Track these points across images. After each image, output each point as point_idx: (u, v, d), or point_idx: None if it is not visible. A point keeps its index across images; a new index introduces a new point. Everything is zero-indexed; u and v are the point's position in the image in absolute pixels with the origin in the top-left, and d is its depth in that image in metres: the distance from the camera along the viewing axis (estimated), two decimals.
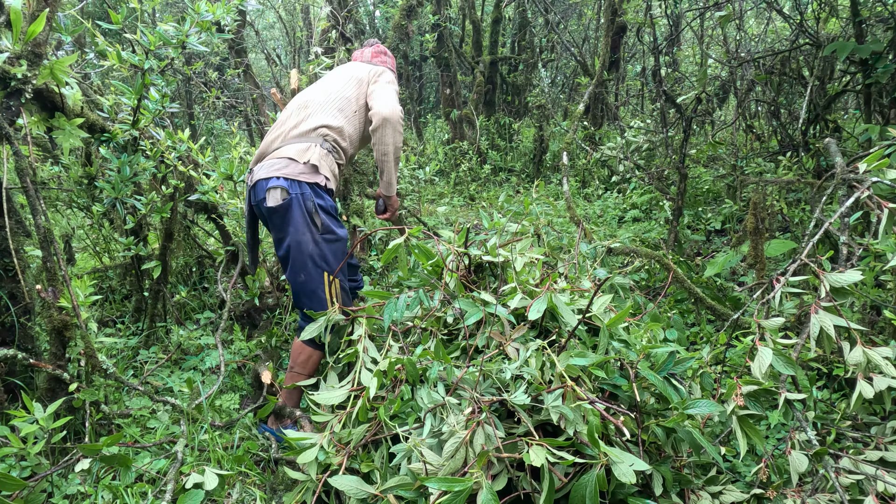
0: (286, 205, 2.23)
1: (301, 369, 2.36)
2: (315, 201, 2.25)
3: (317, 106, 2.45)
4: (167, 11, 8.57)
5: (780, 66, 4.52)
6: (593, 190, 6.33)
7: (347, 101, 2.49)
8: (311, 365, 2.36)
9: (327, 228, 2.29)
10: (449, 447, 1.60)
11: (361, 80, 2.54)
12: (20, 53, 1.99)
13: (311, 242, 2.25)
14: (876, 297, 2.50)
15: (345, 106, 2.48)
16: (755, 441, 1.69)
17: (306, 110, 2.44)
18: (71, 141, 2.30)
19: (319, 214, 2.26)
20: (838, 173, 2.06)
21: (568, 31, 9.22)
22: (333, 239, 2.31)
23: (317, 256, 2.27)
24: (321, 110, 2.44)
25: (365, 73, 2.56)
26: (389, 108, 2.39)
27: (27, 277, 2.24)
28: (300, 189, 2.25)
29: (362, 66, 2.61)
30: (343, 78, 2.56)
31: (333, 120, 2.42)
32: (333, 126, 2.40)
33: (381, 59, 2.76)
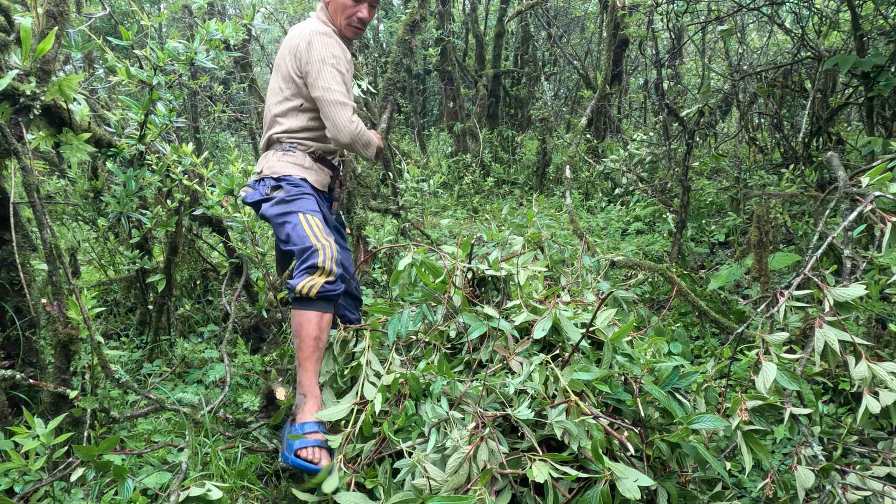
0: (251, 195, 2.31)
1: (296, 339, 2.13)
2: (271, 184, 2.26)
3: (267, 107, 2.39)
4: (173, 27, 8.67)
5: (782, 79, 4.54)
6: (596, 202, 6.33)
7: (280, 99, 2.31)
8: (298, 328, 2.10)
9: (290, 191, 2.24)
10: (452, 463, 1.59)
11: (286, 66, 2.25)
12: (29, 70, 2.02)
13: (275, 203, 2.23)
14: (881, 311, 2.49)
15: (281, 104, 2.31)
16: (761, 456, 1.68)
17: (265, 117, 2.40)
18: (78, 156, 2.32)
19: (281, 188, 2.24)
20: (841, 187, 2.06)
21: (570, 45, 9.28)
22: (299, 195, 2.24)
23: (284, 211, 2.22)
24: (268, 113, 2.37)
25: (291, 52, 2.23)
26: (343, 133, 2.20)
27: (32, 291, 2.25)
28: (263, 182, 2.31)
29: (292, 35, 2.29)
30: (277, 61, 2.34)
31: (278, 125, 2.33)
32: (284, 130, 2.32)
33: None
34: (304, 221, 2.18)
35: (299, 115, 2.30)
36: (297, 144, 2.32)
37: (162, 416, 2.61)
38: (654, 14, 4.72)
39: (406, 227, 4.56)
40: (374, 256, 4.18)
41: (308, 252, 2.13)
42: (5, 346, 2.30)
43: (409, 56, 6.41)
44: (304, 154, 2.33)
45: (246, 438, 2.45)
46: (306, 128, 2.32)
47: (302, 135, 2.32)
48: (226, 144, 8.19)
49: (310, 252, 2.12)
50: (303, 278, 2.12)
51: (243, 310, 3.42)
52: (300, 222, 2.18)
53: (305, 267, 2.12)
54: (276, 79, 2.33)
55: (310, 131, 2.33)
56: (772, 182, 4.82)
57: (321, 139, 2.37)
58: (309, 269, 2.12)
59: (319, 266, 2.12)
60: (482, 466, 1.58)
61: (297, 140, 2.32)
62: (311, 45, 2.17)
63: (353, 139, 2.22)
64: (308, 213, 2.21)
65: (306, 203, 2.23)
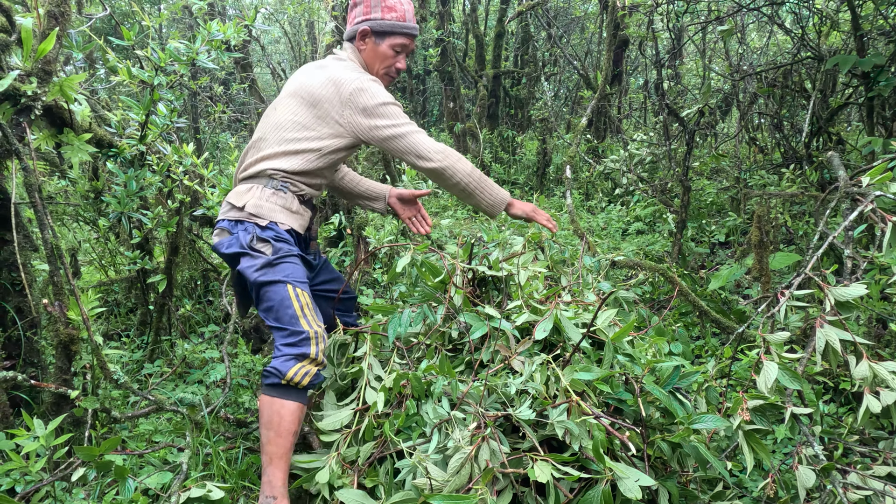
0: (228, 242, 1.98)
1: (268, 432, 1.87)
2: (257, 234, 1.96)
3: (266, 133, 2.05)
4: (173, 27, 8.67)
5: (782, 79, 4.54)
6: (597, 202, 6.34)
7: (299, 136, 2.01)
8: (277, 422, 1.87)
9: (277, 251, 1.96)
10: (454, 463, 1.59)
11: (328, 108, 1.98)
12: (31, 71, 2.02)
13: (260, 267, 1.94)
14: (882, 311, 2.49)
15: (297, 142, 2.01)
16: (762, 456, 1.68)
17: (258, 142, 2.06)
18: (79, 156, 2.32)
19: (269, 243, 1.96)
20: (841, 187, 2.06)
21: (570, 45, 9.28)
22: (286, 256, 1.97)
23: (271, 279, 1.93)
24: (268, 137, 2.04)
25: (339, 97, 1.97)
26: (435, 157, 1.97)
27: (34, 291, 2.25)
28: (243, 226, 1.98)
29: (332, 77, 2.00)
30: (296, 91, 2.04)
31: (277, 160, 2.01)
32: (282, 169, 2.01)
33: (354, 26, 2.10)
34: (293, 296, 1.92)
35: (308, 158, 2.02)
36: (290, 185, 2.03)
37: (163, 417, 2.62)
38: (654, 14, 4.73)
39: (406, 228, 4.56)
40: (374, 256, 4.18)
41: (300, 338, 1.90)
42: (6, 347, 2.30)
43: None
44: (294, 197, 2.05)
45: (247, 439, 2.45)
46: (307, 171, 2.04)
47: (299, 178, 2.04)
48: (226, 145, 8.19)
49: (301, 339, 1.90)
50: (292, 365, 1.88)
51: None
52: (288, 297, 1.92)
53: (296, 353, 1.90)
54: (298, 110, 2.01)
55: (308, 175, 2.06)
56: (772, 182, 4.83)
57: (315, 185, 2.11)
58: (300, 357, 1.90)
59: (312, 357, 1.91)
60: (484, 466, 1.58)
61: (292, 181, 2.04)
62: (366, 91, 1.96)
63: (448, 165, 1.98)
64: (296, 284, 1.94)
65: (294, 270, 1.97)
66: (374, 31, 2.08)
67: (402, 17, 2.09)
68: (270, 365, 1.90)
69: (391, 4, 2.07)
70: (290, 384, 1.88)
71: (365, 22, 2.08)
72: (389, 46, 2.10)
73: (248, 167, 2.06)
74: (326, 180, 2.17)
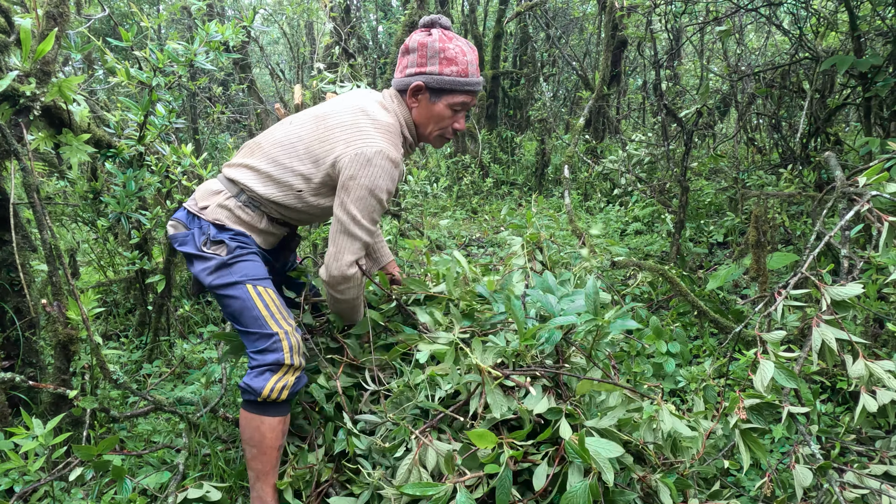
0: (182, 238, 1.82)
1: (252, 449, 1.77)
2: (211, 235, 1.79)
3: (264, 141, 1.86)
4: (172, 28, 8.68)
5: (780, 80, 4.55)
6: (595, 203, 6.34)
7: (292, 170, 1.79)
8: (259, 439, 1.75)
9: (232, 250, 1.78)
10: (401, 471, 1.58)
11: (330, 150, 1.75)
12: (29, 71, 2.03)
13: (214, 269, 1.77)
14: (879, 310, 2.49)
15: (287, 172, 1.79)
16: (759, 455, 1.69)
17: (255, 146, 1.88)
18: (78, 156, 2.32)
19: (223, 244, 1.79)
20: (838, 186, 2.07)
21: (569, 46, 9.29)
22: (242, 255, 1.79)
23: (227, 281, 1.76)
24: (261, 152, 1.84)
25: (351, 155, 1.71)
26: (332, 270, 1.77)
27: (32, 292, 2.26)
28: (198, 224, 1.82)
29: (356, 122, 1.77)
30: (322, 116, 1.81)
31: (258, 181, 1.81)
32: (259, 194, 1.81)
33: (407, 77, 1.83)
34: (255, 296, 1.74)
35: (286, 193, 1.81)
36: (261, 207, 1.85)
37: (161, 417, 2.62)
38: (653, 15, 4.74)
39: (405, 229, 4.56)
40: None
41: (270, 342, 1.72)
42: (5, 347, 2.30)
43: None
44: (262, 216, 1.86)
45: None
46: (287, 206, 1.84)
47: (275, 206, 1.84)
48: (225, 145, 8.19)
49: (272, 343, 1.72)
50: (267, 379, 1.71)
51: None
52: (249, 297, 1.74)
53: (269, 363, 1.72)
54: (307, 135, 1.80)
55: (286, 208, 1.85)
56: (770, 182, 4.84)
57: (290, 218, 1.91)
58: (273, 367, 1.73)
59: (288, 364, 1.73)
60: (432, 467, 1.58)
61: (266, 205, 1.84)
62: (370, 166, 1.70)
63: (335, 285, 1.79)
64: (257, 282, 1.76)
65: (252, 267, 1.78)
66: (428, 88, 1.79)
67: (465, 71, 1.78)
68: (244, 380, 1.74)
69: (451, 56, 1.76)
70: (267, 401, 1.73)
71: (419, 76, 1.79)
72: (447, 105, 1.81)
73: (233, 166, 1.89)
74: (309, 218, 1.94)
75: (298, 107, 4.86)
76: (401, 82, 1.84)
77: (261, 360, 1.74)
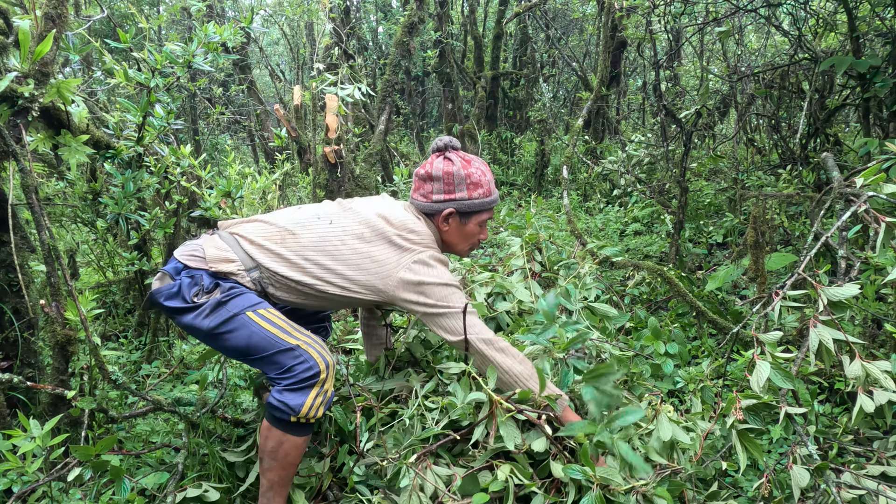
0: (167, 292, 1.72)
1: (271, 461, 1.73)
2: (204, 285, 1.70)
3: (298, 244, 1.77)
4: (172, 29, 8.69)
5: (779, 81, 4.55)
6: (595, 203, 6.35)
7: (331, 262, 1.75)
8: (282, 456, 1.71)
9: (226, 289, 1.70)
10: (403, 499, 1.59)
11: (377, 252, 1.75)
12: (28, 72, 2.03)
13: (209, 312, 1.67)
14: (876, 311, 2.49)
15: (326, 275, 1.75)
16: (756, 456, 1.69)
17: (288, 237, 1.78)
18: (77, 157, 2.33)
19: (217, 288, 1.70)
20: (835, 187, 2.07)
21: (569, 47, 9.30)
22: (237, 294, 1.70)
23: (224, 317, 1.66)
24: (298, 244, 1.76)
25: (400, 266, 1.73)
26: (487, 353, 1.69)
27: (31, 292, 2.26)
28: (189, 274, 1.73)
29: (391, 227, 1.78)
30: (349, 238, 1.77)
31: (287, 268, 1.75)
32: (285, 277, 1.75)
33: (427, 199, 1.87)
34: (258, 320, 1.66)
35: (320, 288, 1.76)
36: (270, 287, 1.78)
37: (160, 417, 2.62)
38: (652, 16, 4.74)
39: None
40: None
41: (293, 356, 1.64)
42: (4, 348, 2.30)
43: (408, 58, 6.43)
44: (265, 292, 1.79)
45: (243, 440, 2.46)
46: (311, 294, 1.78)
47: (295, 289, 1.78)
48: (224, 146, 8.20)
49: (295, 356, 1.64)
50: (304, 396, 1.63)
51: None
52: (253, 322, 1.65)
53: (302, 380, 1.63)
54: (355, 247, 1.76)
55: (307, 294, 1.79)
56: (769, 183, 4.84)
57: (304, 301, 1.83)
58: (308, 382, 1.64)
59: (322, 371, 1.65)
60: (431, 493, 1.58)
61: (280, 286, 1.78)
62: (431, 267, 1.74)
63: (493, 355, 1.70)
64: (256, 306, 1.68)
65: (248, 299, 1.69)
66: (459, 212, 1.86)
67: (488, 191, 1.88)
68: (279, 398, 1.63)
69: (476, 180, 1.85)
70: (300, 420, 1.65)
71: (450, 202, 1.85)
72: (476, 224, 1.90)
73: (256, 244, 1.78)
74: (327, 305, 1.88)
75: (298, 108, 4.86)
76: (429, 207, 1.87)
77: (292, 378, 1.63)
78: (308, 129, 4.81)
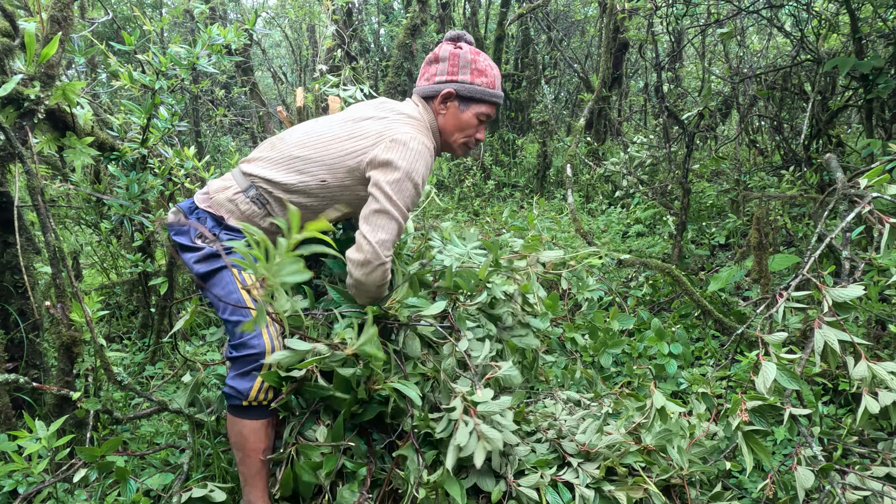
0: (177, 227, 1.77)
1: (239, 452, 1.74)
2: (209, 225, 1.75)
3: (284, 143, 1.80)
4: (175, 31, 8.71)
5: (781, 82, 4.55)
6: (597, 205, 6.35)
7: (318, 150, 1.75)
8: (244, 444, 1.72)
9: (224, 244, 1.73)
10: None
11: (362, 146, 1.72)
12: (34, 75, 2.04)
13: (202, 258, 1.72)
14: (880, 312, 2.49)
15: (308, 166, 1.74)
16: (761, 457, 1.69)
17: (277, 142, 1.83)
18: (82, 159, 2.34)
19: (215, 238, 1.75)
20: (839, 188, 2.07)
21: (571, 48, 9.31)
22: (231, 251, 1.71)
23: (212, 267, 1.71)
24: (284, 146, 1.79)
25: (378, 137, 1.71)
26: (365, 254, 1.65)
27: (36, 294, 2.27)
28: (196, 215, 1.78)
29: (387, 124, 1.75)
30: (336, 123, 1.79)
31: (275, 171, 1.76)
32: (275, 181, 1.75)
33: (431, 80, 1.86)
34: (238, 278, 1.67)
35: (309, 182, 1.75)
36: (267, 205, 1.78)
37: (164, 418, 2.63)
38: (654, 17, 4.74)
39: None
40: None
41: (249, 335, 1.64)
42: (9, 349, 2.31)
43: (410, 60, 6.43)
44: (265, 213, 1.79)
45: None
46: (302, 192, 1.76)
47: (287, 195, 1.77)
48: (227, 148, 8.22)
49: (248, 336, 1.64)
50: (253, 379, 1.64)
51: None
52: (233, 281, 1.67)
53: (247, 362, 1.64)
54: (339, 132, 1.76)
55: (300, 195, 1.77)
56: (772, 184, 4.84)
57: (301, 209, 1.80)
58: (252, 365, 1.64)
59: (265, 359, 1.65)
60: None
61: (274, 199, 1.77)
62: (407, 149, 1.68)
63: (365, 264, 1.66)
64: (242, 269, 1.69)
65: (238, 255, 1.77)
66: (459, 95, 1.82)
67: (492, 83, 1.85)
68: (228, 381, 1.66)
69: (482, 68, 1.83)
70: (251, 404, 1.67)
71: (450, 83, 1.82)
72: (474, 114, 1.85)
73: (250, 161, 1.84)
74: (320, 209, 1.84)
75: (301, 109, 4.88)
76: (429, 89, 1.85)
77: (242, 360, 1.65)
78: None
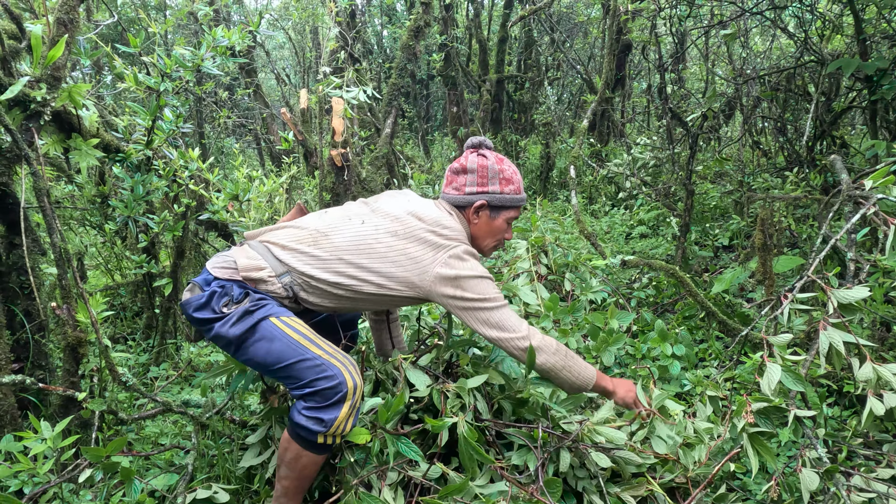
0: (197, 302, 1.70)
1: (288, 471, 1.71)
2: (234, 295, 1.69)
3: (330, 243, 1.76)
4: (179, 33, 8.74)
5: (785, 83, 4.55)
6: (600, 206, 6.34)
7: (366, 259, 1.75)
8: (300, 468, 1.69)
9: (255, 299, 1.69)
10: None
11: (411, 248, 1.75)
12: (40, 77, 2.05)
13: (236, 320, 1.66)
14: (885, 314, 2.49)
15: (361, 273, 1.74)
16: (766, 459, 1.69)
17: (321, 239, 1.77)
18: (87, 161, 2.35)
19: (245, 298, 1.69)
20: (844, 190, 2.07)
21: (574, 50, 9.31)
22: (264, 303, 1.70)
23: (250, 324, 1.66)
24: (330, 244, 1.76)
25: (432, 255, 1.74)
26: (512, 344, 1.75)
27: (42, 295, 2.28)
28: (220, 285, 1.71)
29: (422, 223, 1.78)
30: (383, 235, 1.77)
31: (323, 273, 1.74)
32: (326, 281, 1.74)
33: (459, 191, 1.90)
34: (283, 327, 1.65)
35: (354, 287, 1.75)
36: (301, 293, 1.77)
37: (169, 419, 2.63)
38: (657, 18, 4.74)
39: None
40: None
41: (316, 370, 1.60)
42: (15, 350, 2.32)
43: (413, 61, 6.45)
44: (294, 298, 1.78)
45: None
46: (342, 295, 1.76)
47: (326, 290, 1.75)
48: (231, 150, 8.24)
49: (319, 371, 1.60)
50: (337, 411, 1.60)
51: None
52: (278, 329, 1.64)
53: (333, 401, 1.59)
54: (387, 243, 1.75)
55: (338, 296, 1.77)
56: (776, 185, 4.83)
57: (336, 303, 1.82)
58: (341, 396, 1.60)
59: (350, 384, 1.61)
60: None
61: (311, 290, 1.76)
62: (465, 260, 1.75)
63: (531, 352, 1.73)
64: (280, 314, 1.68)
65: (275, 307, 1.70)
66: (490, 206, 1.90)
67: (518, 188, 1.93)
68: (307, 414, 1.59)
69: (508, 176, 1.91)
70: (325, 441, 1.63)
71: (482, 195, 1.88)
72: (504, 220, 1.93)
73: (287, 249, 1.77)
74: (357, 305, 1.86)
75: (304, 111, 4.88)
76: (461, 199, 1.90)
77: (314, 395, 1.60)
78: (314, 133, 4.84)
